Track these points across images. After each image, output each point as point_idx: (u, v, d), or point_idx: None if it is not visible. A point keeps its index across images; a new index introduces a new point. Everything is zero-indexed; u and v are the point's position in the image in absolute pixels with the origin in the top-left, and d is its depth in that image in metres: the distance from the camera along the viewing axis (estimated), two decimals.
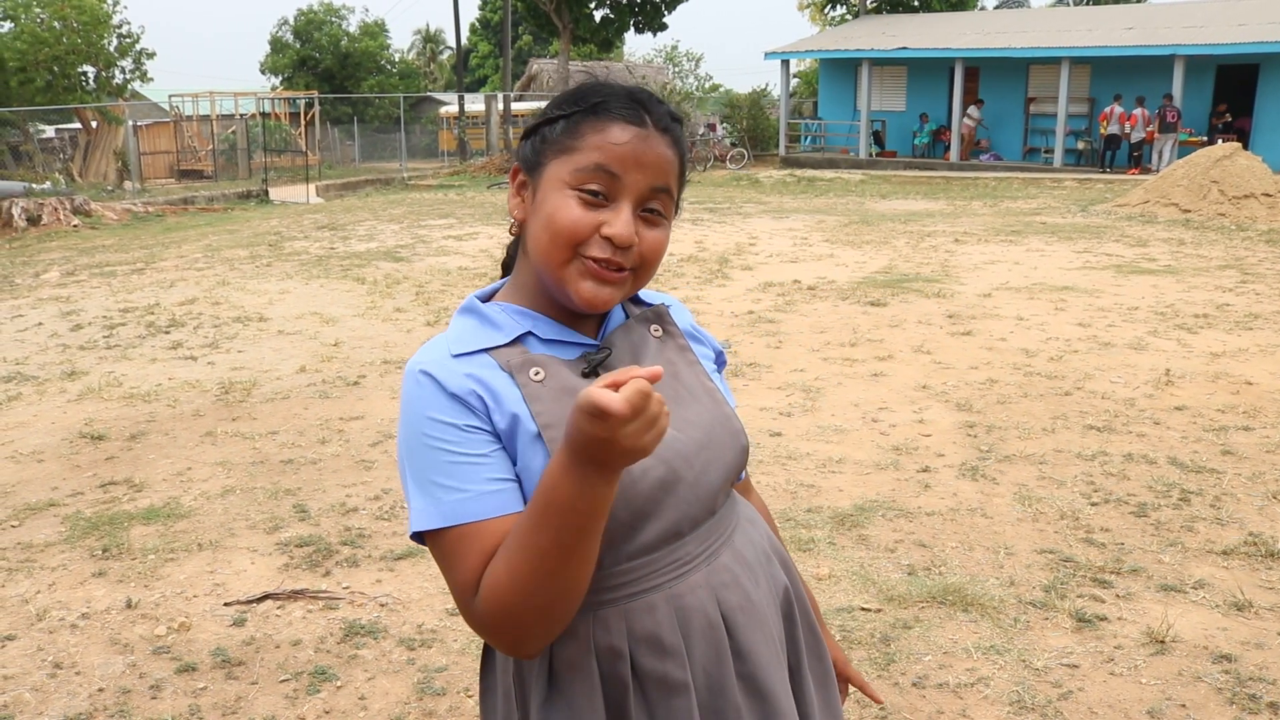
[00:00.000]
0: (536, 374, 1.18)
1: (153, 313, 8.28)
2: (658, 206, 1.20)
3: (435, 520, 1.12)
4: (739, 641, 1.22)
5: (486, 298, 1.29)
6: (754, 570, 1.28)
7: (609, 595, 1.18)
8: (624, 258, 1.18)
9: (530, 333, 1.23)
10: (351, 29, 43.50)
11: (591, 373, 1.21)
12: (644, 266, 1.21)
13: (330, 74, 42.12)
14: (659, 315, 1.32)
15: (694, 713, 1.19)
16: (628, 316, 1.32)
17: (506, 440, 1.16)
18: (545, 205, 1.19)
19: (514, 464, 1.16)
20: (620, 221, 1.17)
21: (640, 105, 1.20)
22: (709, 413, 1.26)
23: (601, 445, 0.98)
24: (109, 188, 23.47)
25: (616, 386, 0.96)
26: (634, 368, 0.99)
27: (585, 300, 1.18)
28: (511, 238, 1.31)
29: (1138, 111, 21.38)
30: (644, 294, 1.36)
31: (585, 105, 1.19)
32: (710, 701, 1.21)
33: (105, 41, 28.79)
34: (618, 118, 1.18)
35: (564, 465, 1.02)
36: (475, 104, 36.16)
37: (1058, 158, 23.23)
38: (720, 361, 1.41)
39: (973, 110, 24.67)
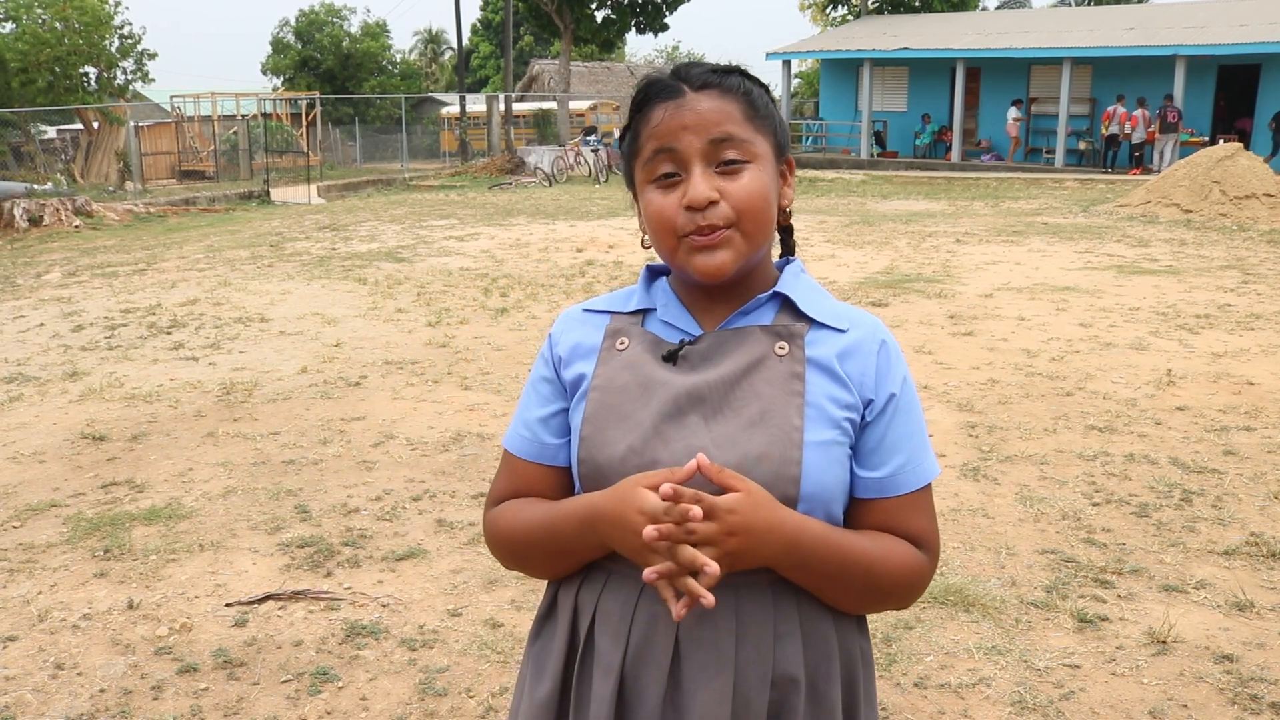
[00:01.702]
0: (622, 344, 1.28)
1: (154, 313, 8.28)
2: (732, 155, 1.19)
3: (504, 436, 1.36)
4: (682, 670, 1.20)
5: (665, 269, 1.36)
6: (746, 628, 1.20)
7: (605, 559, 1.25)
8: (714, 216, 1.18)
9: (655, 309, 1.30)
10: (353, 30, 43.53)
11: (669, 358, 1.24)
12: (743, 217, 1.20)
13: (332, 75, 42.14)
14: (791, 334, 1.24)
15: (611, 701, 1.21)
16: (772, 322, 1.26)
17: (570, 391, 1.30)
18: (642, 209, 1.25)
19: (567, 413, 1.30)
20: (691, 185, 1.19)
21: (677, 77, 1.23)
22: (764, 445, 1.18)
23: (615, 537, 1.17)
24: (110, 188, 23.49)
25: (655, 488, 1.12)
26: (684, 491, 1.10)
27: (702, 273, 1.21)
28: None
29: (1138, 112, 21.37)
30: (838, 309, 1.27)
31: (634, 107, 1.25)
32: (629, 700, 1.22)
33: (107, 42, 28.78)
34: (655, 101, 1.22)
35: (586, 517, 1.20)
36: (477, 104, 36.18)
37: (1059, 158, 23.23)
38: (869, 414, 1.23)
39: (1013, 111, 24.32)
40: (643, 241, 1.31)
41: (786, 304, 1.27)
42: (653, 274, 1.35)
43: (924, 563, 1.25)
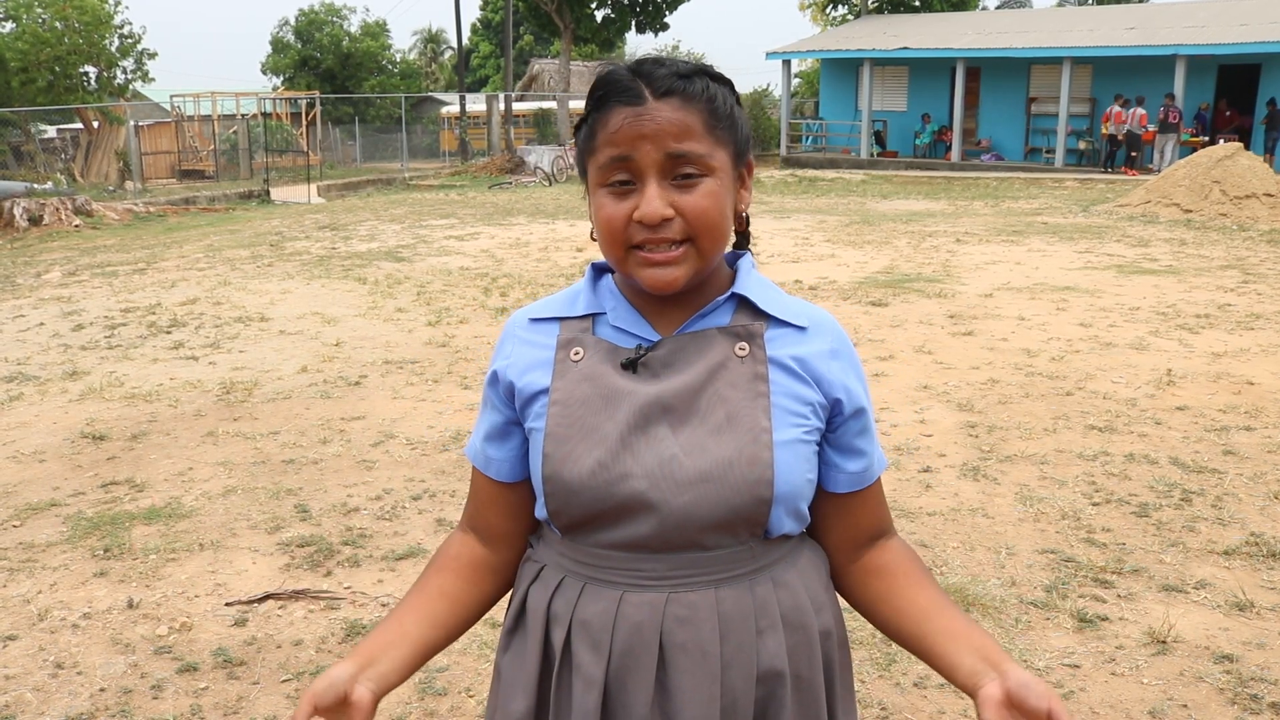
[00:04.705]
0: (576, 354, 1.24)
1: (154, 313, 8.28)
2: (689, 170, 1.16)
3: (468, 450, 1.36)
4: (669, 677, 1.19)
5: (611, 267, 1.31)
6: (729, 626, 1.20)
7: (578, 567, 1.23)
8: (668, 231, 1.16)
9: (605, 314, 1.26)
10: (353, 29, 43.49)
11: (629, 366, 1.21)
12: (699, 234, 1.16)
13: (331, 74, 42.12)
14: (750, 334, 1.22)
15: (596, 714, 1.19)
16: (730, 323, 1.25)
17: (522, 405, 1.26)
18: (593, 211, 1.22)
19: (522, 426, 1.27)
20: (644, 200, 1.15)
21: (640, 77, 1.16)
22: (734, 449, 1.17)
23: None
24: (110, 188, 23.49)
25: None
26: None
27: (652, 286, 1.18)
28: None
29: (1124, 110, 21.31)
30: (795, 306, 1.27)
31: (593, 103, 1.20)
32: (613, 711, 1.20)
33: (107, 42, 28.80)
34: (615, 104, 1.16)
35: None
36: (476, 104, 36.18)
37: (1059, 158, 23.22)
38: (837, 413, 1.24)
39: (1133, 109, 22.83)
40: (591, 234, 1.27)
41: (744, 303, 1.25)
42: (598, 271, 1.31)
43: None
